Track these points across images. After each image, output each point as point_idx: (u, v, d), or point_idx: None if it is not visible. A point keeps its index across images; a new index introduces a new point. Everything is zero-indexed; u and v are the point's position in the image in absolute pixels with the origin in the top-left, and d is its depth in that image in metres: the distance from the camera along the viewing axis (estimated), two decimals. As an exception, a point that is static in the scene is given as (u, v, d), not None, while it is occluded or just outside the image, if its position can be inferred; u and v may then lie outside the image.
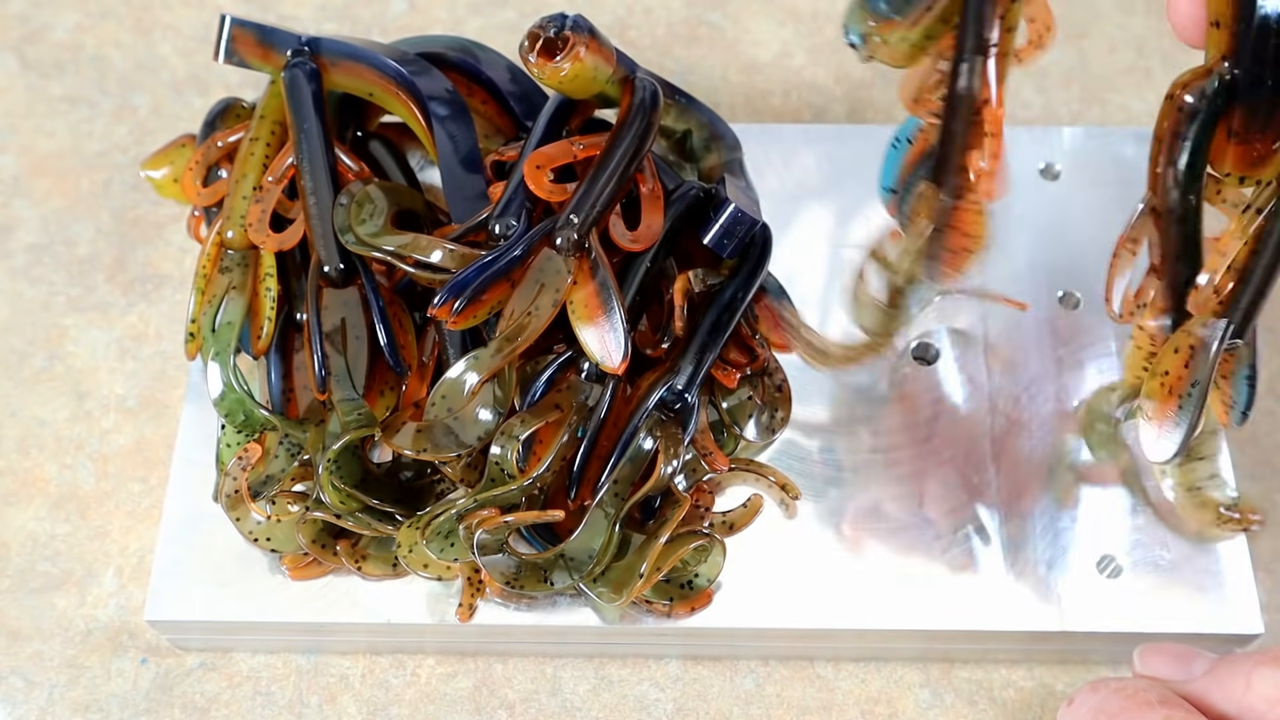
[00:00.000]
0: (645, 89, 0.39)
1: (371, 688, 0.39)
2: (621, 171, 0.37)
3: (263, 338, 0.39)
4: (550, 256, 0.36)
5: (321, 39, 0.41)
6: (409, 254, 0.37)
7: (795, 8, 0.54)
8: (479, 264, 0.35)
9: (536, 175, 0.37)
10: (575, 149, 0.38)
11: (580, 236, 0.36)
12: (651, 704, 0.39)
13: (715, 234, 0.39)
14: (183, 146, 0.43)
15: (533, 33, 0.38)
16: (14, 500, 0.43)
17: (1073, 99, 0.51)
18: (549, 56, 0.37)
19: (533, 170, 0.37)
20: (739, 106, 0.51)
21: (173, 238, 0.48)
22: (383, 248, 0.37)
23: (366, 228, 0.38)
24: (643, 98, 0.38)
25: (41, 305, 0.46)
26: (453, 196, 0.39)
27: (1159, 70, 0.52)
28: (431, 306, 0.35)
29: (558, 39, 0.37)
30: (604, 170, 0.37)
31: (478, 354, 0.36)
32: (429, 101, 0.40)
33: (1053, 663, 0.39)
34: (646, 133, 0.38)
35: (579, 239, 0.36)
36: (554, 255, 0.36)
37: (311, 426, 0.38)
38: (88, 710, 0.39)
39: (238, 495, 0.38)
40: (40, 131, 0.50)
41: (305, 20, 0.53)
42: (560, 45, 0.37)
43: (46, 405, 0.44)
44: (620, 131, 0.38)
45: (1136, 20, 0.53)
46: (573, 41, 0.37)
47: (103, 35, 0.53)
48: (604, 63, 0.38)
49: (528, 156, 0.38)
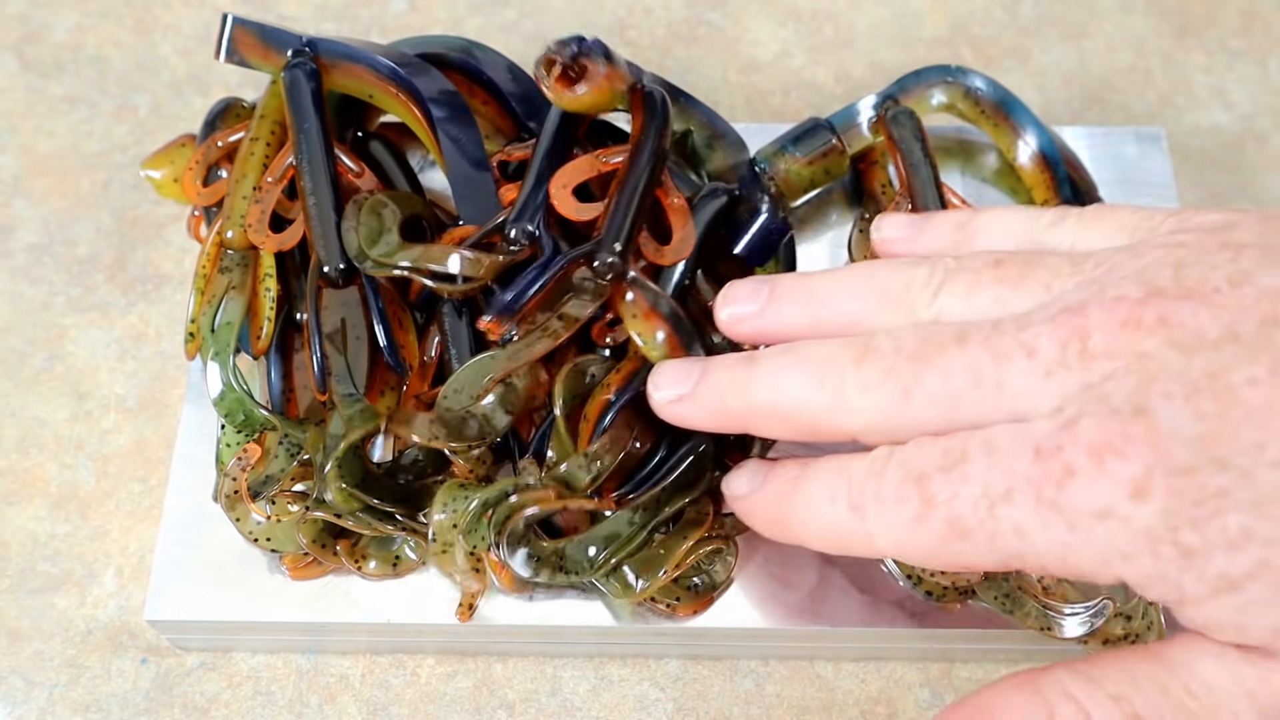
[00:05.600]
0: (657, 100, 0.39)
1: (371, 688, 0.39)
2: (646, 188, 0.37)
3: (262, 338, 0.39)
4: (585, 277, 0.36)
5: (321, 39, 0.41)
6: (425, 266, 0.37)
7: (795, 8, 0.54)
8: (525, 283, 0.36)
9: (563, 196, 0.37)
10: (599, 164, 0.38)
11: (624, 263, 0.36)
12: (651, 704, 0.39)
13: (749, 243, 0.39)
14: (183, 146, 0.43)
15: (548, 58, 0.38)
16: (14, 500, 0.43)
17: (1073, 99, 0.51)
18: (566, 83, 0.38)
19: (560, 191, 0.37)
20: (739, 106, 0.51)
21: (173, 238, 0.48)
22: (399, 264, 0.37)
23: (379, 248, 0.37)
24: (656, 109, 0.39)
25: (41, 305, 0.46)
26: (462, 199, 0.39)
27: (1159, 70, 0.52)
28: (482, 321, 0.35)
29: (573, 65, 0.37)
30: (632, 190, 0.37)
31: (494, 354, 0.36)
32: (430, 104, 0.40)
33: (1053, 663, 0.39)
34: (665, 146, 0.38)
35: (623, 266, 0.36)
36: (588, 276, 0.36)
37: (311, 426, 0.38)
38: (88, 710, 0.39)
39: (237, 495, 0.38)
40: (40, 131, 0.50)
41: (305, 20, 0.53)
42: (577, 72, 0.38)
43: (46, 405, 0.44)
44: (640, 147, 0.38)
45: (1136, 20, 0.53)
46: (591, 72, 0.37)
47: (103, 35, 0.53)
48: (619, 83, 0.38)
49: (552, 176, 0.38)
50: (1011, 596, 0.36)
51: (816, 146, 0.42)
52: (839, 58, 0.53)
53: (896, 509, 0.28)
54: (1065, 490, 0.26)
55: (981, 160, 0.45)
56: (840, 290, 0.32)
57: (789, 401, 0.30)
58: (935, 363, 0.28)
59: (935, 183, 0.40)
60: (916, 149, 0.41)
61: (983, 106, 0.43)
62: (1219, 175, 0.49)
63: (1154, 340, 0.26)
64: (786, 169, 0.42)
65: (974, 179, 0.45)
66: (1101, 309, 0.27)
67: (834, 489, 0.29)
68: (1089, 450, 0.25)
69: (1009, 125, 0.43)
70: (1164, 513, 0.25)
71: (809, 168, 0.42)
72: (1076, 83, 0.52)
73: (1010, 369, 0.27)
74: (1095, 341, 0.26)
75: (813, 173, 0.42)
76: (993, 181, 0.45)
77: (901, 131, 0.41)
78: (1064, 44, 0.53)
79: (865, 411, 0.29)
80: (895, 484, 0.28)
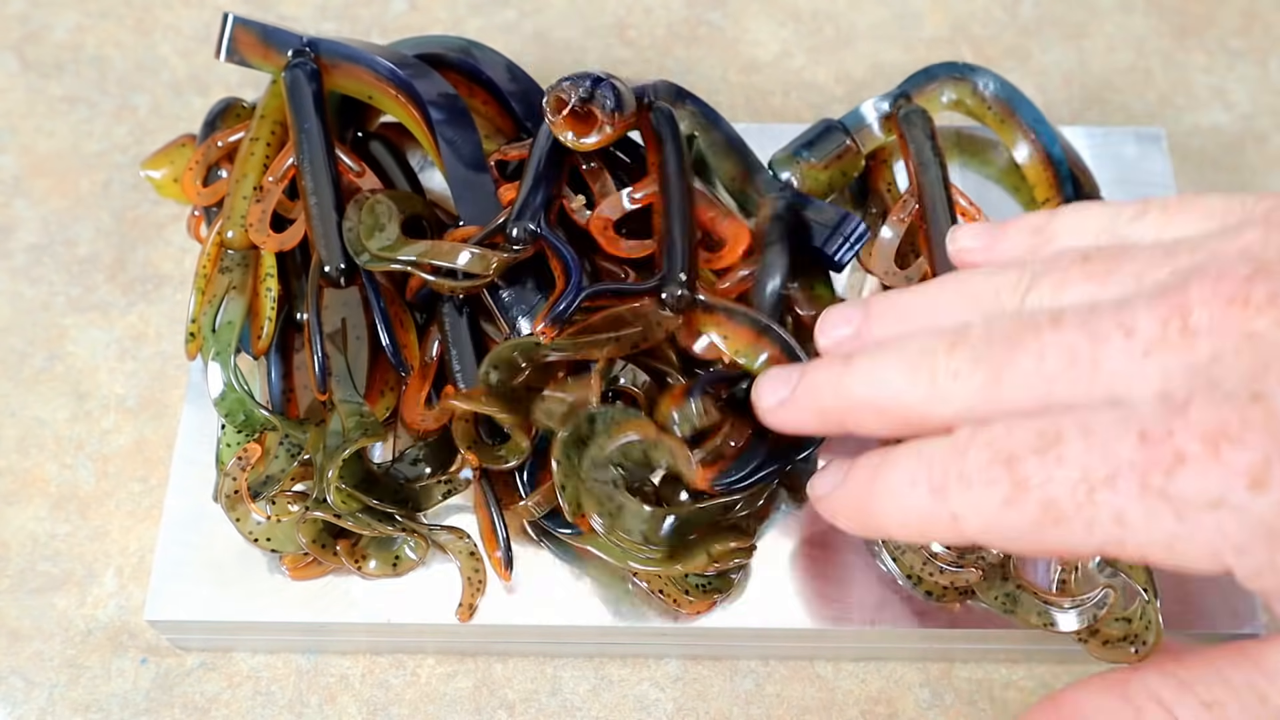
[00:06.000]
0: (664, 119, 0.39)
1: (371, 688, 0.39)
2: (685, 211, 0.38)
3: (263, 338, 0.39)
4: (656, 310, 0.37)
5: (322, 40, 0.41)
6: (428, 260, 0.37)
7: (795, 8, 0.54)
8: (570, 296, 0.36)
9: (610, 238, 0.38)
10: (633, 198, 0.39)
11: (691, 291, 0.36)
12: (651, 704, 0.39)
13: (835, 242, 0.38)
14: (183, 146, 0.43)
15: (558, 97, 0.38)
16: (14, 500, 0.43)
17: (1073, 99, 0.51)
18: (574, 125, 0.38)
19: (605, 234, 0.38)
20: (739, 106, 0.51)
21: (173, 238, 0.48)
22: (399, 258, 0.37)
23: (377, 241, 0.37)
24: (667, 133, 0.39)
25: (41, 305, 0.46)
26: (461, 199, 0.39)
27: (1159, 70, 0.52)
28: (536, 329, 0.36)
29: (584, 109, 0.38)
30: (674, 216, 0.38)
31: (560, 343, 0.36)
32: (429, 106, 0.40)
33: (1053, 662, 0.39)
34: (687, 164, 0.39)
35: (691, 296, 0.36)
36: (660, 310, 0.37)
37: (311, 426, 0.38)
38: (88, 710, 0.39)
39: (237, 495, 0.38)
40: (40, 131, 0.50)
41: (305, 20, 0.53)
42: (585, 117, 0.38)
43: (46, 405, 0.44)
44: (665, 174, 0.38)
45: (1136, 20, 0.53)
46: (600, 123, 0.38)
47: (103, 35, 0.53)
48: (626, 124, 0.39)
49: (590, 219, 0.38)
50: (1011, 596, 0.36)
51: (831, 149, 0.42)
52: (839, 58, 0.53)
53: (984, 490, 0.27)
54: (1175, 478, 0.24)
55: (983, 158, 0.45)
56: (930, 303, 0.31)
57: (885, 394, 0.30)
58: (1028, 345, 0.27)
59: (944, 182, 0.40)
60: (927, 148, 0.41)
61: (990, 104, 0.43)
62: (1219, 175, 0.49)
63: (1264, 320, 0.25)
64: (803, 175, 0.41)
65: (975, 176, 0.45)
66: (1204, 285, 0.26)
67: (914, 473, 0.28)
68: (1203, 437, 0.24)
69: (1015, 123, 0.43)
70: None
71: (825, 171, 0.41)
72: (1076, 83, 0.52)
73: (1108, 349, 0.26)
74: (1197, 317, 0.25)
75: (830, 176, 0.42)
76: (995, 179, 0.45)
77: (913, 131, 0.41)
78: (1064, 44, 0.53)
79: (958, 398, 0.28)
80: (982, 465, 0.27)
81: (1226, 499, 0.24)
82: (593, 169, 0.40)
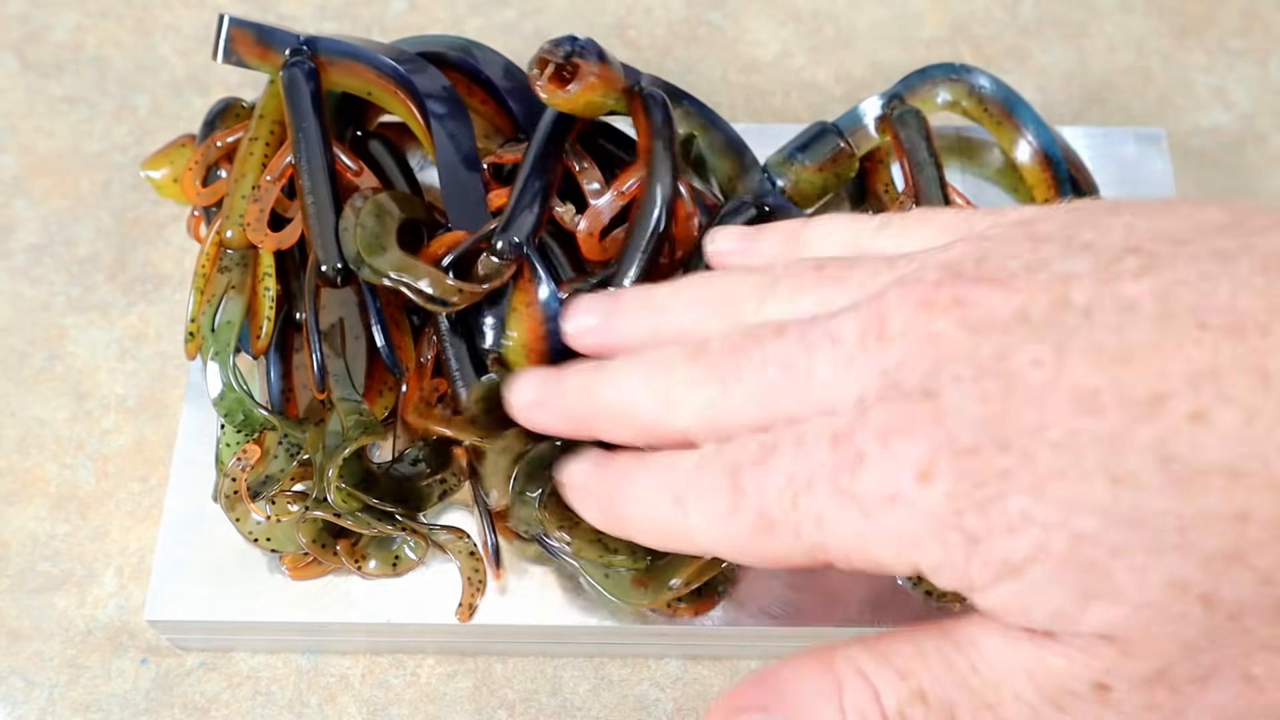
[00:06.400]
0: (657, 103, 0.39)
1: (371, 688, 0.39)
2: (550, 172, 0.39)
3: (262, 337, 0.39)
4: None
5: (319, 38, 0.41)
6: (406, 280, 0.37)
7: (795, 8, 0.54)
8: None
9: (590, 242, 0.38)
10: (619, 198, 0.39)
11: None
12: (651, 704, 0.39)
13: None
14: (183, 146, 0.43)
15: (541, 58, 0.38)
16: (14, 500, 0.43)
17: (1073, 99, 0.51)
18: (559, 83, 0.38)
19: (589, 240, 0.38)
20: (739, 106, 0.51)
21: (173, 238, 0.48)
22: (388, 274, 0.37)
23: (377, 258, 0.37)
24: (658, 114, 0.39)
25: (41, 305, 0.46)
26: (450, 199, 0.39)
27: (1159, 70, 0.52)
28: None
29: (567, 65, 0.37)
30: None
31: None
32: (427, 100, 0.40)
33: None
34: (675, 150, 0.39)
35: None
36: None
37: (311, 426, 0.38)
38: (88, 710, 0.39)
39: (237, 495, 0.38)
40: (40, 131, 0.50)
41: (305, 20, 0.53)
42: (570, 72, 0.37)
43: (46, 405, 0.44)
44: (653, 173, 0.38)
45: (1136, 20, 0.53)
46: (584, 70, 0.37)
47: (103, 35, 0.53)
48: (613, 84, 0.38)
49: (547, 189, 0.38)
50: None
51: (825, 152, 0.42)
52: (839, 58, 0.53)
53: (713, 501, 0.28)
54: (858, 476, 0.25)
55: (982, 159, 0.45)
56: (677, 301, 0.33)
57: (627, 401, 0.31)
58: (752, 355, 0.28)
59: (941, 183, 0.40)
60: (922, 148, 0.41)
61: (986, 104, 0.43)
62: (1219, 175, 0.49)
63: (946, 320, 0.26)
64: (797, 177, 0.41)
65: (974, 177, 0.45)
66: (900, 291, 0.27)
67: (663, 481, 0.30)
68: (877, 434, 0.25)
69: (1012, 123, 0.43)
70: (949, 496, 0.24)
71: (819, 174, 0.42)
72: (1076, 83, 0.52)
73: (819, 358, 0.27)
74: (893, 324, 0.26)
75: (824, 179, 0.42)
76: (993, 180, 0.45)
77: (907, 131, 0.41)
78: (1064, 44, 0.53)
79: (690, 408, 0.29)
80: (715, 478, 0.28)
81: (900, 493, 0.25)
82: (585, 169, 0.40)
